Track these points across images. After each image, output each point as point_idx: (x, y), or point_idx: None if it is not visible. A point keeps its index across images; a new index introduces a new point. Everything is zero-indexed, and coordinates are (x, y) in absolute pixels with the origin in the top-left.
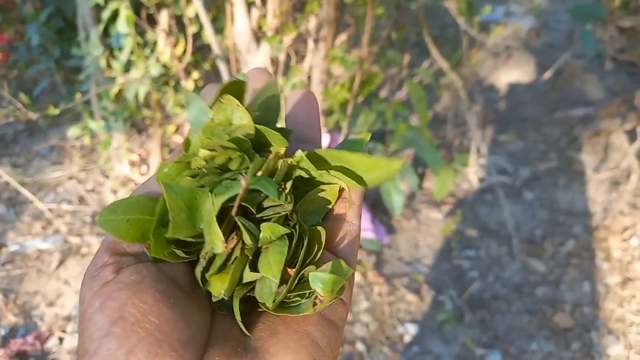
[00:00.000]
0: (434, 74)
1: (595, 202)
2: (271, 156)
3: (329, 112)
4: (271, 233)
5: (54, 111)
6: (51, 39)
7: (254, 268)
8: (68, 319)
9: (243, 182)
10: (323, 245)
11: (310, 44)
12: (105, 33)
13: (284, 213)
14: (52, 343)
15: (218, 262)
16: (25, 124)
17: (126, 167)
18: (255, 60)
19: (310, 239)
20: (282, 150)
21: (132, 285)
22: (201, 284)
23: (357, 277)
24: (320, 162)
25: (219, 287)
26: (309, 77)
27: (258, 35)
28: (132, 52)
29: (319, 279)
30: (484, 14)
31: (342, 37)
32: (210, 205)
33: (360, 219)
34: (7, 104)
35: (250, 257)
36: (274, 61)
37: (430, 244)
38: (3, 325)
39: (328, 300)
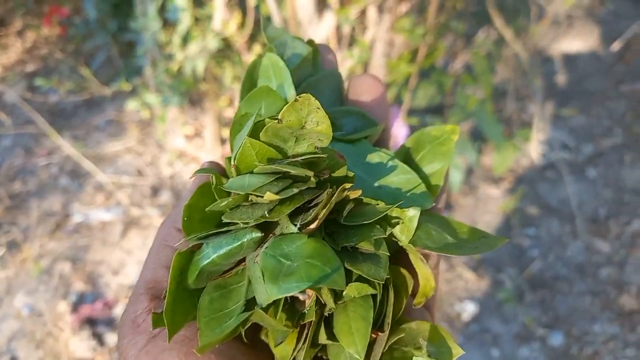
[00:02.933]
0: (495, 44)
1: None
2: (334, 197)
3: (388, 86)
4: (357, 293)
5: (126, 87)
6: (108, 13)
7: (329, 327)
8: (132, 287)
9: (306, 298)
10: (409, 294)
11: (372, 14)
12: (163, 6)
13: (377, 277)
14: (119, 310)
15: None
16: (83, 97)
17: (181, 140)
18: (318, 32)
19: (396, 287)
20: (349, 186)
21: (183, 344)
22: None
23: None
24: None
25: (286, 352)
26: (371, 49)
27: (320, 6)
28: (190, 26)
29: None
30: None
31: (404, 7)
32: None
33: (438, 267)
34: (67, 78)
35: (325, 314)
36: (337, 33)
37: (488, 222)
38: (72, 292)
39: None
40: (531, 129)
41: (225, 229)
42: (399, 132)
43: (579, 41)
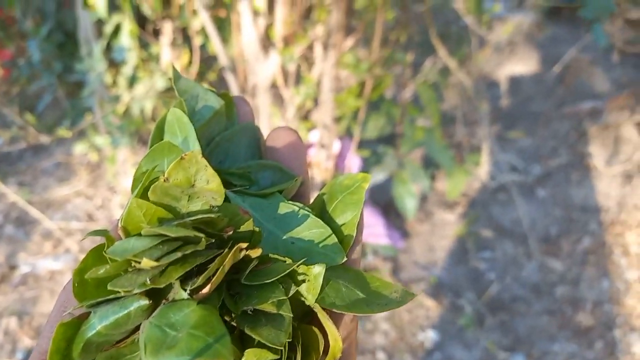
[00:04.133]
0: (441, 73)
1: (609, 197)
2: (229, 257)
3: (338, 119)
4: (256, 359)
5: (66, 134)
6: (53, 54)
7: None
8: None
9: None
10: (320, 354)
11: (319, 50)
12: (108, 47)
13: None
14: None
15: None
16: (29, 141)
17: None
18: (264, 69)
19: (306, 347)
20: (245, 245)
21: None
22: None
23: None
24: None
25: None
26: (318, 85)
27: (266, 44)
28: (136, 66)
29: None
30: (493, 12)
31: (349, 42)
32: None
33: (356, 320)
34: (10, 123)
35: None
36: (283, 70)
37: (445, 247)
38: (19, 349)
39: None
40: (481, 153)
41: (113, 296)
42: (352, 164)
43: (521, 65)
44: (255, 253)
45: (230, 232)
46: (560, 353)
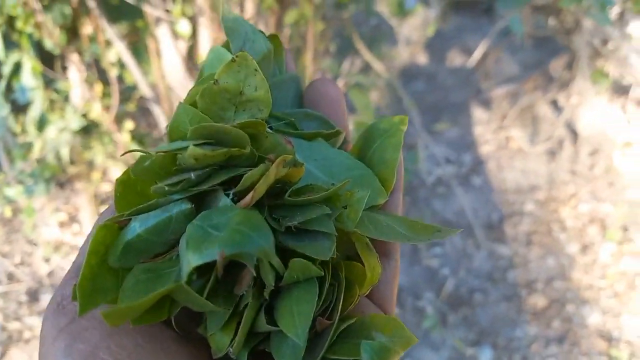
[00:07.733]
0: (361, 72)
1: (538, 175)
2: (273, 166)
3: None
4: (301, 274)
5: None
6: None
7: (270, 313)
8: None
9: (218, 257)
10: (363, 288)
11: None
12: (8, 88)
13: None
14: None
15: (222, 317)
16: None
17: (55, 230)
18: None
19: (348, 279)
20: (289, 157)
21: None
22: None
23: None
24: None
25: (222, 342)
26: None
27: (191, 67)
28: (45, 107)
29: (372, 349)
30: (414, 12)
31: None
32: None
33: (399, 253)
34: None
35: (267, 299)
36: None
37: None
38: None
39: None
40: (415, 149)
41: (154, 201)
42: None
43: (434, 58)
44: (299, 173)
45: (272, 160)
46: (524, 338)
